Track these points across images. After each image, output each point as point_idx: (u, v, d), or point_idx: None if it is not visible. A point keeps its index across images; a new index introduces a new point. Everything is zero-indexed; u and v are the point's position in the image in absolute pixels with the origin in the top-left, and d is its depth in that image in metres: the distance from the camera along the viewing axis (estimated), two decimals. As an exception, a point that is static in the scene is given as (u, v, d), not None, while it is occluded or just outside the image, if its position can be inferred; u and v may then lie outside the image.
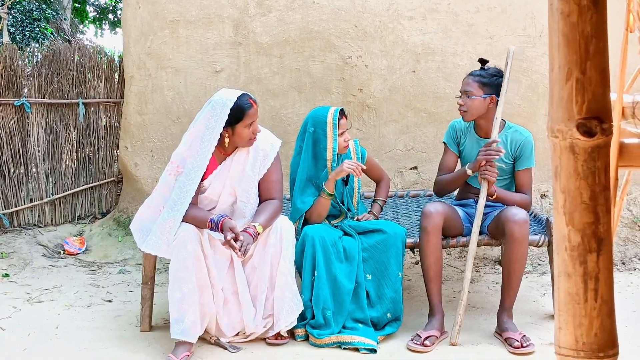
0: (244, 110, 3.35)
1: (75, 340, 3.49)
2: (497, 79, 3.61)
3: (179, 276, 3.23)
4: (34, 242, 5.17)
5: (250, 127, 3.38)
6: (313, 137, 3.67)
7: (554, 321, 1.10)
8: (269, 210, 3.41)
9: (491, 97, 3.59)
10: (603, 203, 1.02)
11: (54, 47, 5.62)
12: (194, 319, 3.21)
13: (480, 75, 3.63)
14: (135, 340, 3.48)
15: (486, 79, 3.61)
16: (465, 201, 3.86)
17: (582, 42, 0.99)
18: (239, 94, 3.39)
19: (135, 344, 3.43)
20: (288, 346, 3.38)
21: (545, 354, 3.23)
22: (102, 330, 3.63)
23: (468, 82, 3.63)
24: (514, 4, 4.90)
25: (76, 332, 3.61)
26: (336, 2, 4.96)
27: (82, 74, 5.58)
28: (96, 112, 5.67)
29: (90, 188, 5.71)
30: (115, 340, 3.49)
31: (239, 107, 3.34)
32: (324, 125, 3.63)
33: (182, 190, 3.33)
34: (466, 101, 3.60)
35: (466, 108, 3.61)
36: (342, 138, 3.64)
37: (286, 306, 3.37)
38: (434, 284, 3.53)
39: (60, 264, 4.88)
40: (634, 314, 3.68)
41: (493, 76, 3.63)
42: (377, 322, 3.49)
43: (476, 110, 3.62)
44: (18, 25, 9.97)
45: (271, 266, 3.39)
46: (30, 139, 5.47)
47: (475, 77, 3.63)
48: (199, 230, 3.28)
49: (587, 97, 1.00)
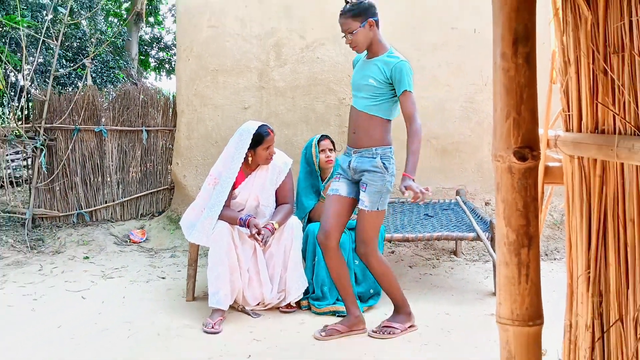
0: (263, 136, 3.36)
1: (137, 307, 3.48)
2: (362, 4, 2.88)
3: (215, 260, 3.23)
4: (107, 233, 5.17)
5: (267, 149, 3.40)
6: (305, 156, 3.70)
7: (495, 298, 1.09)
8: (283, 212, 3.41)
9: (368, 21, 2.87)
10: (532, 210, 1.02)
11: (125, 88, 5.64)
12: (226, 292, 3.21)
13: (349, 10, 2.88)
14: (182, 308, 3.47)
15: (355, 9, 2.87)
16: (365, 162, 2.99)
17: (518, 90, 1.00)
18: (260, 124, 3.40)
19: (181, 310, 3.42)
20: (295, 314, 3.38)
21: (487, 322, 3.22)
22: (157, 300, 3.62)
23: (344, 22, 2.89)
24: (466, 61, 4.92)
25: (138, 301, 3.60)
26: (334, 57, 4.98)
27: (145, 109, 5.59)
28: (155, 137, 5.67)
29: (150, 193, 5.71)
30: (167, 307, 3.48)
31: (259, 134, 3.36)
32: (310, 147, 3.67)
33: (218, 197, 3.34)
34: (352, 38, 2.90)
35: (355, 43, 2.91)
36: (323, 154, 3.62)
37: (295, 284, 3.36)
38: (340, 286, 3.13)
39: (126, 249, 4.87)
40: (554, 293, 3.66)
41: (359, 4, 2.88)
42: (362, 296, 3.48)
43: (364, 40, 2.91)
44: (98, 71, 10.00)
45: (284, 253, 3.39)
46: (106, 156, 5.47)
47: (347, 14, 2.88)
48: (230, 226, 3.28)
49: (521, 131, 1.00)
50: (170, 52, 15.35)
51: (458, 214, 4.25)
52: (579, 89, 1.20)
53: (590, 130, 1.17)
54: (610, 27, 1.09)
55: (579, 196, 1.23)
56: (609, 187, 1.14)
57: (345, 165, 3.05)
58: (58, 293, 3.75)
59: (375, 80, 2.91)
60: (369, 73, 2.95)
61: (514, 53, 0.99)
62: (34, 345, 2.91)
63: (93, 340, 2.98)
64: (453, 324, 3.21)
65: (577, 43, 1.19)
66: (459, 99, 4.93)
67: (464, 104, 4.93)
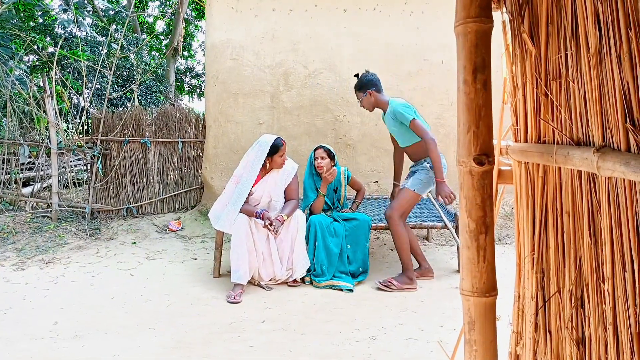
0: (278, 147, 3.36)
1: (175, 282, 3.47)
2: (363, 79, 3.31)
3: (237, 244, 3.22)
4: (151, 223, 5.15)
5: (281, 157, 3.39)
6: (310, 160, 3.69)
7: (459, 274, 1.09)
8: (290, 206, 3.40)
9: (368, 92, 3.30)
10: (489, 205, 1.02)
11: (164, 108, 5.62)
12: (245, 270, 3.20)
13: (356, 86, 3.35)
14: (210, 282, 3.46)
15: (358, 84, 3.33)
16: (418, 167, 3.36)
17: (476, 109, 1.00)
18: (275, 137, 3.39)
19: (210, 284, 3.42)
20: (300, 288, 3.37)
21: (453, 294, 3.21)
22: (191, 276, 3.62)
23: (356, 95, 3.38)
24: (436, 85, 4.91)
25: (175, 277, 3.60)
26: (331, 84, 4.97)
27: (180, 124, 5.57)
28: (189, 147, 5.66)
29: (184, 191, 5.70)
30: (199, 282, 3.47)
31: (275, 145, 3.35)
32: (312, 154, 3.66)
33: (239, 194, 3.33)
34: (361, 104, 3.37)
35: (363, 107, 3.37)
36: (316, 162, 3.60)
37: (300, 263, 3.35)
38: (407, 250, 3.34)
39: (166, 237, 4.86)
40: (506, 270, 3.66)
41: (361, 80, 3.32)
42: (353, 273, 3.47)
43: (368, 104, 3.34)
44: (143, 95, 9.99)
45: (291, 239, 3.37)
46: (149, 162, 5.46)
47: (355, 88, 3.37)
48: (248, 218, 3.27)
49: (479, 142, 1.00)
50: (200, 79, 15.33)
51: (430, 208, 4.25)
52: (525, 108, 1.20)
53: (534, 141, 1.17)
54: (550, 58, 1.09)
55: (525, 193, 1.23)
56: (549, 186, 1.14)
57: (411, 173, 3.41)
58: (111, 271, 3.74)
59: (395, 127, 3.31)
60: (390, 125, 3.33)
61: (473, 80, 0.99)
62: (93, 313, 2.90)
63: (140, 308, 2.98)
64: (426, 295, 3.20)
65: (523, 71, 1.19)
66: (430, 115, 4.93)
67: (434, 120, 4.92)
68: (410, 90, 4.92)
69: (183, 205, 5.72)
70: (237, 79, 5.09)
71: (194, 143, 5.70)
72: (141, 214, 5.44)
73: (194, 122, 5.67)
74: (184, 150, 5.63)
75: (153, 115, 5.69)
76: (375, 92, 3.31)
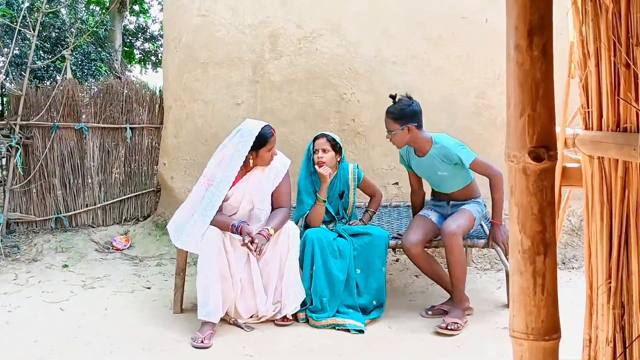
0: (267, 138, 3.37)
1: (120, 320, 3.47)
2: (405, 110, 3.42)
3: (205, 268, 3.22)
4: (88, 239, 5.16)
5: (270, 151, 3.41)
6: (308, 153, 3.73)
7: (509, 310, 1.09)
8: (279, 217, 3.40)
9: (407, 126, 3.41)
10: (549, 215, 1.02)
11: (107, 82, 5.64)
12: (217, 303, 3.20)
13: (392, 112, 3.44)
14: (169, 320, 3.46)
15: (397, 113, 3.42)
16: (439, 202, 3.74)
17: (533, 85, 1.00)
18: (262, 125, 3.39)
19: (168, 323, 3.42)
20: (292, 327, 3.37)
21: (500, 336, 3.22)
22: (142, 311, 3.62)
23: (386, 121, 3.48)
24: (477, 52, 4.92)
25: (121, 312, 3.60)
26: (334, 49, 4.98)
27: (129, 104, 5.59)
28: (140, 135, 5.67)
29: (134, 196, 5.71)
30: (153, 319, 3.47)
31: (263, 136, 3.36)
32: (310, 145, 3.71)
33: (211, 200, 3.33)
34: (390, 137, 3.48)
35: (392, 141, 3.49)
36: (316, 156, 3.62)
37: (291, 294, 3.36)
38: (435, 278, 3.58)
39: (109, 257, 4.86)
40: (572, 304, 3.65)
41: (401, 109, 3.42)
42: (364, 307, 3.47)
43: (401, 141, 3.48)
44: (79, 64, 9.99)
45: (280, 261, 3.38)
46: (87, 155, 5.47)
47: (389, 115, 3.45)
48: (222, 232, 3.27)
49: (537, 129, 1.00)
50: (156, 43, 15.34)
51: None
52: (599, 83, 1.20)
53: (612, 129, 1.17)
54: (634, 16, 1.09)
55: (599, 200, 1.23)
56: (631, 189, 1.14)
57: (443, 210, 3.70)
58: (35, 304, 3.73)
59: (444, 171, 3.51)
60: (434, 170, 3.55)
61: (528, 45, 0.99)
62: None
63: (73, 356, 2.97)
64: (463, 337, 3.20)
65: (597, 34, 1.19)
66: (469, 93, 4.93)
67: (474, 100, 4.93)
68: (442, 60, 4.93)
69: (132, 215, 5.72)
70: (206, 42, 5.09)
71: (148, 130, 5.70)
72: (75, 226, 5.44)
73: (147, 102, 5.68)
74: (134, 140, 5.64)
75: (92, 93, 5.69)
76: (415, 129, 3.45)
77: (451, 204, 3.69)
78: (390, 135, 3.47)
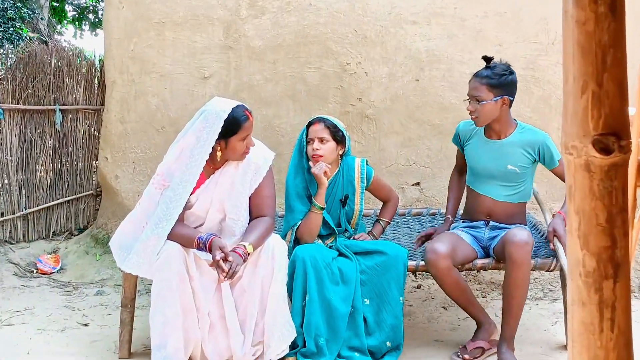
0: (240, 123, 3.34)
1: (47, 367, 3.47)
2: (506, 78, 3.56)
3: (162, 298, 3.22)
4: (4, 259, 5.14)
5: (244, 140, 3.37)
6: (299, 144, 3.75)
7: (567, 352, 1.09)
8: (260, 229, 3.40)
9: (502, 98, 3.54)
10: (620, 226, 1.02)
11: (30, 49, 5.63)
12: (177, 346, 3.20)
13: (487, 77, 3.55)
14: (113, 368, 3.46)
15: (494, 79, 3.54)
16: (475, 223, 3.80)
17: (598, 52, 1.00)
18: (234, 105, 3.37)
19: (112, 372, 3.42)
20: (279, 376, 3.37)
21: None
22: (77, 356, 3.61)
23: (476, 86, 3.57)
24: (524, 9, 4.93)
25: (49, 358, 3.59)
26: (334, 4, 4.98)
27: (59, 79, 5.57)
28: (74, 120, 5.66)
29: (66, 202, 5.70)
30: (91, 367, 3.47)
31: (234, 119, 3.33)
32: (303, 133, 3.74)
33: (168, 206, 3.32)
34: (476, 107, 3.54)
35: (477, 114, 3.55)
36: (310, 147, 3.64)
37: (277, 333, 3.34)
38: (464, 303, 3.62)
39: (32, 283, 4.85)
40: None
41: (501, 75, 3.56)
42: (375, 350, 3.48)
43: (488, 115, 3.57)
44: (-9, 24, 9.97)
45: (262, 289, 3.36)
46: (2, 147, 5.45)
47: (482, 79, 3.55)
48: (184, 250, 3.27)
49: (604, 111, 1.01)
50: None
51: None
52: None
53: None
54: None
55: (687, 205, 1.24)
56: None
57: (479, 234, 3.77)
58: None
59: (519, 167, 3.62)
60: (503, 161, 3.63)
61: None
62: None
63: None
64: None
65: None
66: (515, 64, 4.92)
67: (521, 72, 4.93)
68: (477, 18, 4.94)
69: (64, 227, 5.71)
70: (162, -5, 5.09)
71: (85, 113, 5.69)
72: (-13, 242, 5.43)
73: (83, 76, 5.67)
74: (67, 126, 5.63)
75: (9, 63, 5.67)
76: (509, 102, 3.62)
77: (491, 224, 3.73)
78: (476, 105, 3.54)
